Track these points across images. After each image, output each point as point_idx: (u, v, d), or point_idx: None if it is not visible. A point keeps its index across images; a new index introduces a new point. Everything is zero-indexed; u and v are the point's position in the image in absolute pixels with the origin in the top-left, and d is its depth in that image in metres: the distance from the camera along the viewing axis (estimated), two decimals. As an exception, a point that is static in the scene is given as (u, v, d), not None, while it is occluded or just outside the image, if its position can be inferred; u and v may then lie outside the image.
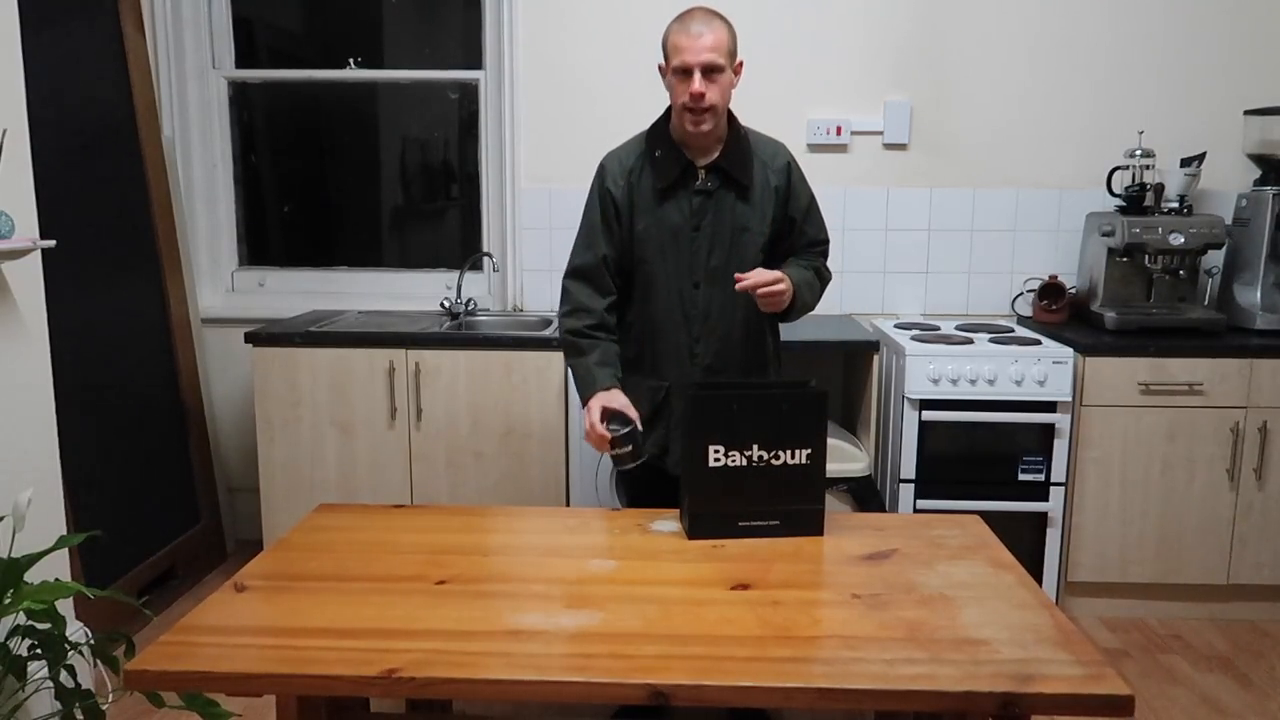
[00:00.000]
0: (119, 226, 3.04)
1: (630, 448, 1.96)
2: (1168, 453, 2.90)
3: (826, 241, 2.25)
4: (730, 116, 2.11)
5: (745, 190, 2.10)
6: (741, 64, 2.09)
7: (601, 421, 1.99)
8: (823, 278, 2.23)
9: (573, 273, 2.18)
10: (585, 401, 2.06)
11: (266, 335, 3.00)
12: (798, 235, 2.19)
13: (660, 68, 2.10)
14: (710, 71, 1.98)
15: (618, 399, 2.03)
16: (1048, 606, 1.60)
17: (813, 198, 2.21)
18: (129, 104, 3.12)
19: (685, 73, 1.99)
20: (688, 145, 2.10)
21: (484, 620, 1.54)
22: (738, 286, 2.01)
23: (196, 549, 3.27)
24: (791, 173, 2.15)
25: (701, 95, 1.98)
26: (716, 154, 2.10)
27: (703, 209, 2.10)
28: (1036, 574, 2.94)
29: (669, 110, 2.13)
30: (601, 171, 2.17)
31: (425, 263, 3.68)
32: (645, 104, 3.33)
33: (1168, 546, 2.94)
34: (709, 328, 2.14)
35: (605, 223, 2.14)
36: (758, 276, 1.99)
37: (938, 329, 3.18)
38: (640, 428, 2.00)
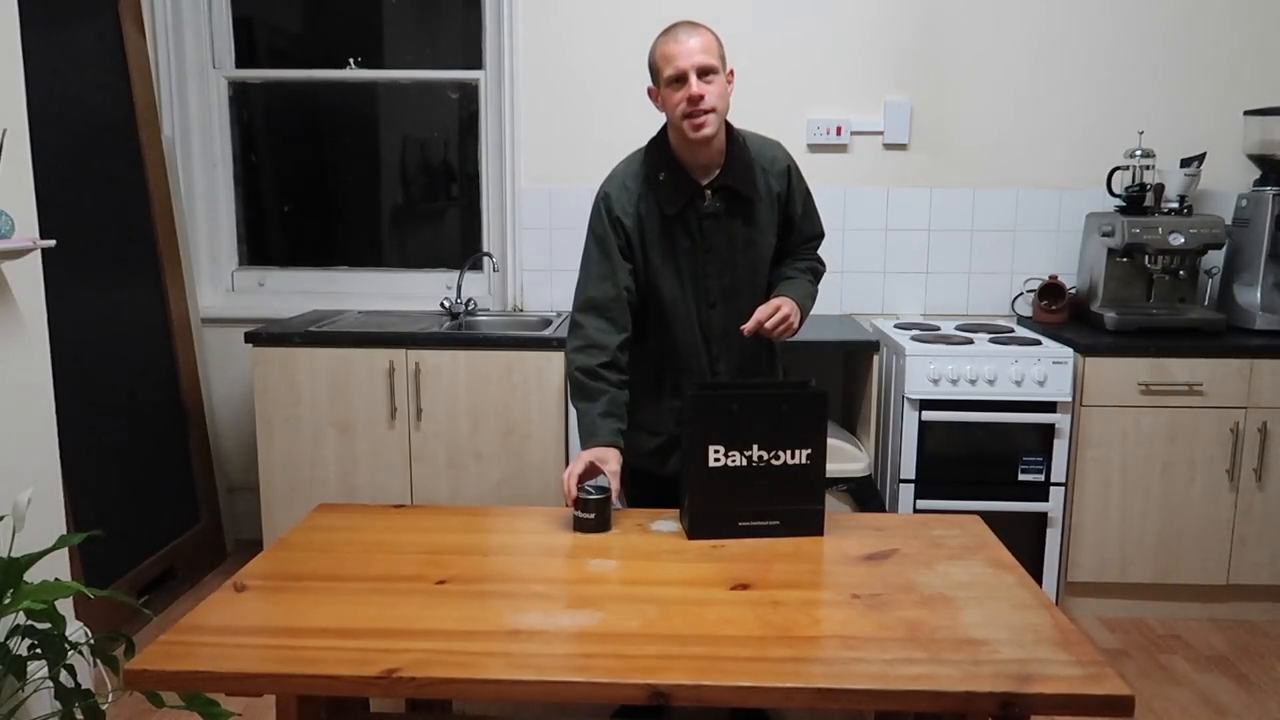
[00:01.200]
0: (119, 226, 3.04)
1: (594, 516, 1.91)
2: (1168, 453, 2.90)
3: (821, 236, 2.24)
4: (727, 127, 2.07)
5: (751, 205, 2.07)
6: (733, 73, 2.03)
7: (582, 479, 1.94)
8: (818, 274, 2.23)
9: (586, 305, 2.08)
10: (583, 447, 2.00)
11: (266, 335, 3.00)
12: (795, 233, 2.18)
13: (650, 91, 2.06)
14: (705, 73, 1.94)
15: (611, 462, 1.95)
16: (1048, 607, 1.60)
17: (809, 193, 2.19)
18: (129, 104, 3.12)
19: (680, 79, 1.95)
20: (690, 164, 2.04)
21: (484, 620, 1.54)
22: (745, 333, 2.01)
23: (196, 549, 3.27)
24: (791, 175, 2.13)
25: (701, 96, 1.93)
26: (718, 171, 2.05)
27: (711, 231, 2.06)
28: (1036, 574, 2.94)
29: (664, 130, 2.08)
30: (607, 200, 2.08)
31: (425, 263, 3.68)
32: (645, 104, 3.33)
33: (1167, 546, 2.94)
34: (727, 345, 2.13)
35: (619, 253, 2.07)
36: (760, 315, 1.99)
37: (938, 329, 3.18)
38: (616, 503, 1.95)
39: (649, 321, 2.14)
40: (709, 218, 2.05)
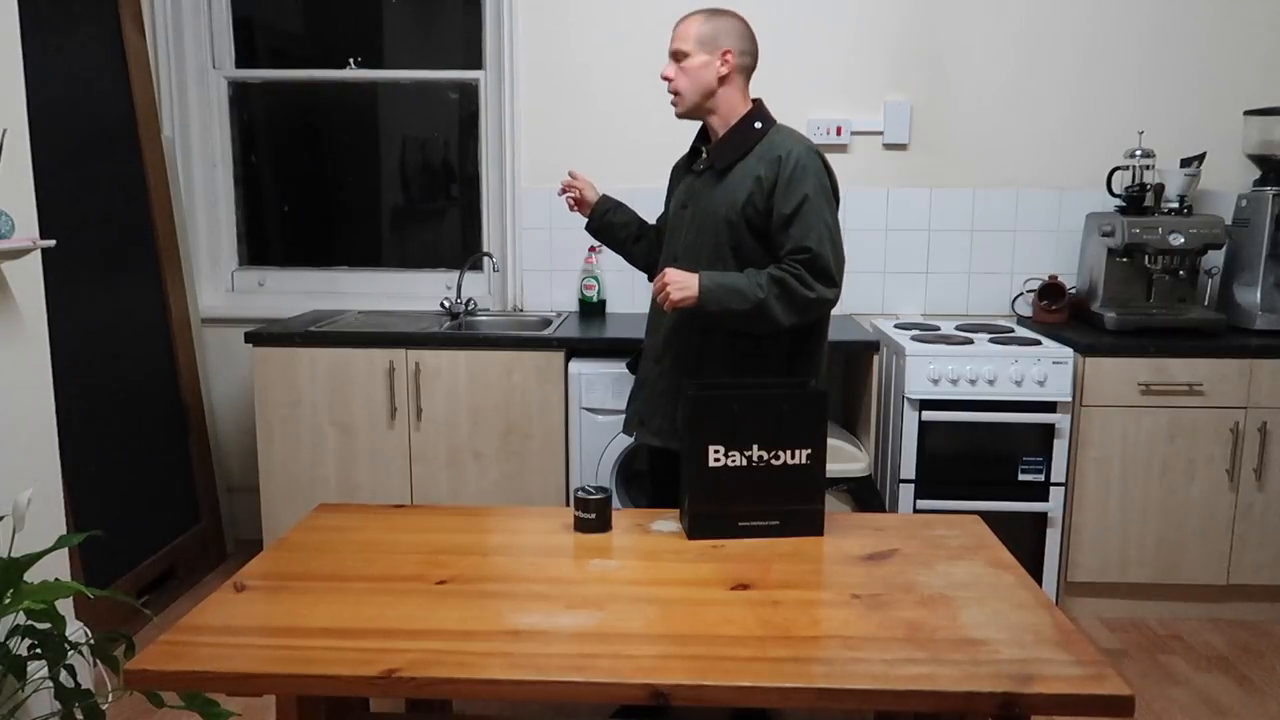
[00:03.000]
0: (119, 226, 3.04)
1: (594, 516, 1.94)
2: (1168, 453, 2.90)
3: (808, 251, 2.05)
4: (753, 111, 2.22)
5: (722, 175, 2.19)
6: (728, 53, 2.18)
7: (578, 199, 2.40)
8: (789, 288, 2.05)
9: None
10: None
11: (266, 335, 3.00)
12: (782, 237, 2.09)
13: None
14: (677, 57, 2.18)
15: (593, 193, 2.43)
16: (1048, 606, 1.60)
17: (806, 201, 2.07)
18: (129, 104, 3.12)
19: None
20: (710, 135, 2.26)
21: (484, 620, 1.54)
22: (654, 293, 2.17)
23: (196, 549, 3.27)
24: (783, 167, 2.09)
25: (668, 79, 2.20)
26: (715, 142, 2.23)
27: (692, 189, 2.26)
28: (1036, 574, 2.94)
29: None
30: None
31: (425, 263, 3.68)
32: (645, 103, 3.34)
33: (1167, 546, 2.94)
34: None
35: (667, 198, 2.43)
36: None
37: (938, 329, 3.18)
38: (616, 502, 2.05)
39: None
40: (694, 174, 2.27)
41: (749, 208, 2.11)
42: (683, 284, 2.07)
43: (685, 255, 2.21)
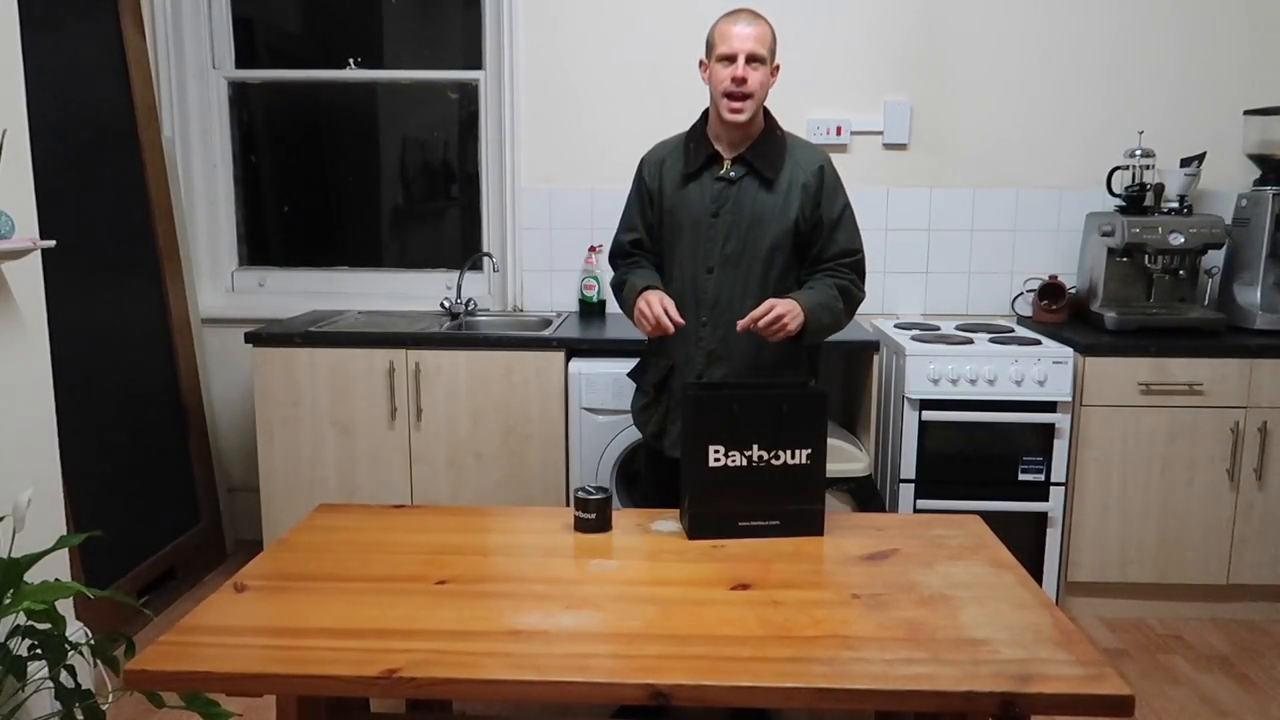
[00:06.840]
0: (119, 226, 3.04)
1: (594, 516, 1.94)
2: (1168, 453, 2.90)
3: (857, 253, 2.23)
4: (769, 118, 2.21)
5: (769, 183, 2.16)
6: (778, 68, 2.18)
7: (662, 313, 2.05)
8: (851, 295, 2.20)
9: (614, 250, 2.36)
10: (635, 305, 2.13)
11: (266, 335, 3.00)
12: (827, 242, 2.20)
13: (701, 63, 2.20)
14: (752, 61, 2.09)
15: (667, 299, 2.09)
16: (1048, 606, 1.60)
17: (848, 206, 2.23)
18: (129, 104, 3.12)
19: (730, 59, 2.09)
20: (721, 140, 2.19)
21: (484, 620, 1.54)
22: (738, 328, 2.06)
23: (196, 549, 3.27)
24: (825, 175, 2.19)
25: (744, 80, 2.08)
26: (746, 148, 2.18)
27: (723, 196, 2.17)
28: (1036, 574, 2.94)
29: (705, 113, 2.23)
30: (641, 164, 2.31)
31: (425, 263, 3.68)
32: (644, 104, 3.35)
33: (1168, 546, 2.94)
34: (716, 313, 2.18)
35: (639, 207, 2.29)
36: (755, 313, 2.03)
37: (938, 329, 3.18)
38: (616, 502, 2.00)
39: (665, 275, 2.27)
40: (723, 182, 2.17)
41: (800, 216, 2.17)
42: (796, 314, 2.04)
43: (727, 263, 2.17)
